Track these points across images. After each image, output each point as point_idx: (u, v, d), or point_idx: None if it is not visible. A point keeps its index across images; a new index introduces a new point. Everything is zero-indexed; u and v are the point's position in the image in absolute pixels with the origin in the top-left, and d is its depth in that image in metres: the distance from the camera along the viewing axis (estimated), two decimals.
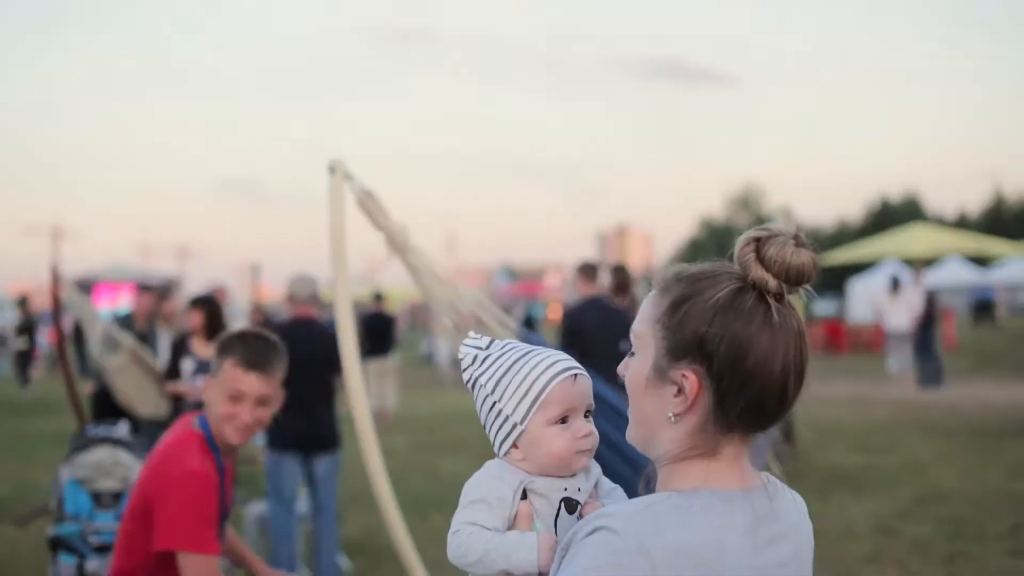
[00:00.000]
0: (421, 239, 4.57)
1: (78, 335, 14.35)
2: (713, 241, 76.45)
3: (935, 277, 32.16)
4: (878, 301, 20.81)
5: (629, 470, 3.03)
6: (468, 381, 1.84)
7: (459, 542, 1.73)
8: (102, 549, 6.21)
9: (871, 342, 27.46)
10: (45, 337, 27.67)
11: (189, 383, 7.82)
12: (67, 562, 6.17)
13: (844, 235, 65.12)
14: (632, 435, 1.67)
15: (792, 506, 1.68)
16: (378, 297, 17.37)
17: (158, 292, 11.60)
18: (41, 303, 35.11)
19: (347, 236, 4.38)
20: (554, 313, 35.17)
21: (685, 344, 1.55)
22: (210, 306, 8.13)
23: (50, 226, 45.05)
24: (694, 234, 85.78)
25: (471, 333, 1.89)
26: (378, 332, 16.20)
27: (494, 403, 1.79)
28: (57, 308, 9.68)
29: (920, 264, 22.88)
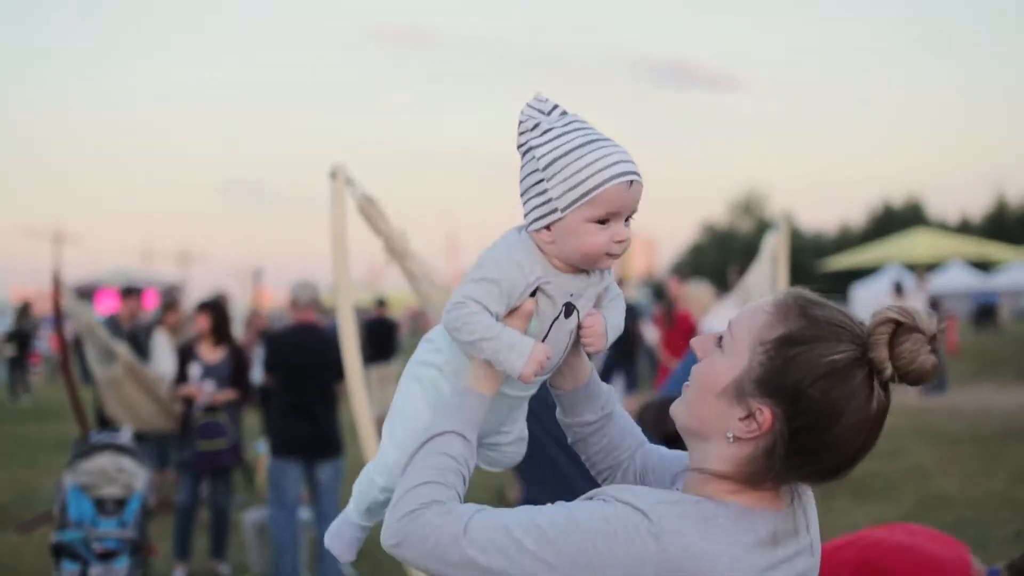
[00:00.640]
0: (422, 242, 4.58)
1: (79, 341, 14.35)
2: (716, 246, 76.39)
3: (937, 282, 32.12)
4: (882, 306, 20.79)
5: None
6: (521, 145, 1.75)
7: (461, 315, 1.69)
8: (105, 556, 6.21)
9: None
10: (47, 342, 27.66)
11: (197, 387, 7.80)
12: (70, 568, 6.18)
13: (847, 240, 65.02)
14: (680, 415, 1.65)
15: (805, 531, 1.65)
16: (381, 303, 17.34)
17: (163, 301, 11.58)
18: (43, 308, 35.13)
19: (348, 241, 4.39)
20: None
21: (781, 386, 1.52)
22: (217, 310, 8.12)
23: (51, 230, 45.03)
24: (697, 239, 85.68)
25: (540, 93, 1.79)
26: (380, 337, 16.17)
27: (541, 179, 1.71)
28: (59, 314, 9.69)
29: (923, 269, 22.86)
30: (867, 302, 36.64)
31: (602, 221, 1.70)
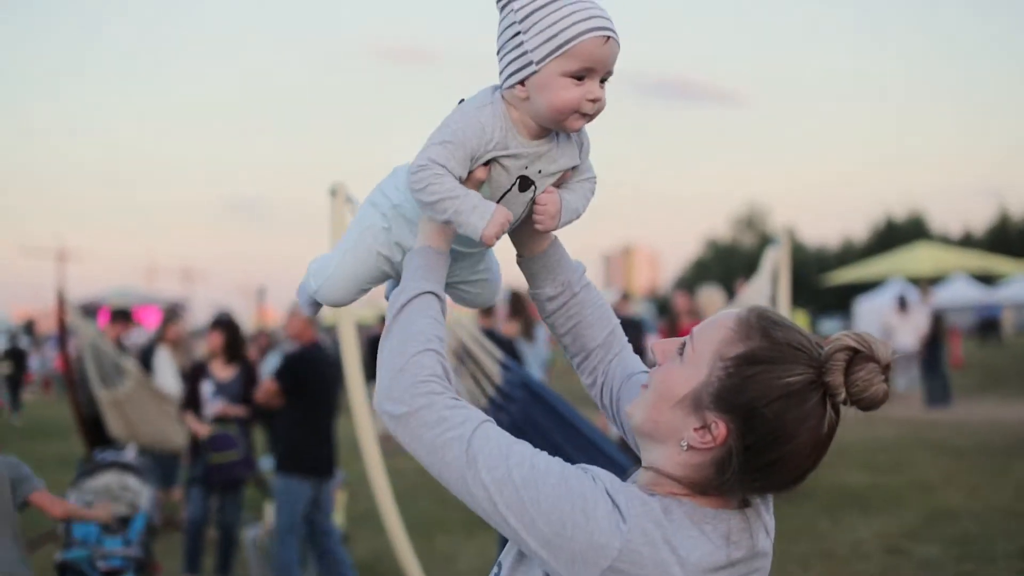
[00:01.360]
0: None
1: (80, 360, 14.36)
2: (718, 260, 76.38)
3: (941, 296, 32.07)
4: (885, 320, 20.77)
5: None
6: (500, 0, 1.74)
7: (424, 177, 1.70)
8: (110, 574, 6.21)
9: None
10: (53, 362, 27.71)
11: (209, 404, 7.80)
12: None
13: (849, 254, 65.02)
14: (637, 416, 1.68)
15: (764, 533, 1.68)
16: (384, 319, 17.34)
17: (164, 316, 11.60)
18: (46, 326, 35.13)
19: None
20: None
21: (737, 403, 1.56)
22: (229, 328, 8.12)
23: (54, 249, 45.11)
24: (700, 254, 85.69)
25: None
26: None
27: (518, 32, 1.70)
28: (64, 332, 9.73)
29: (926, 283, 22.86)
30: (870, 316, 36.67)
31: (577, 77, 1.70)
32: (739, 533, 1.59)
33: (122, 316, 10.56)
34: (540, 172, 1.78)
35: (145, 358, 10.70)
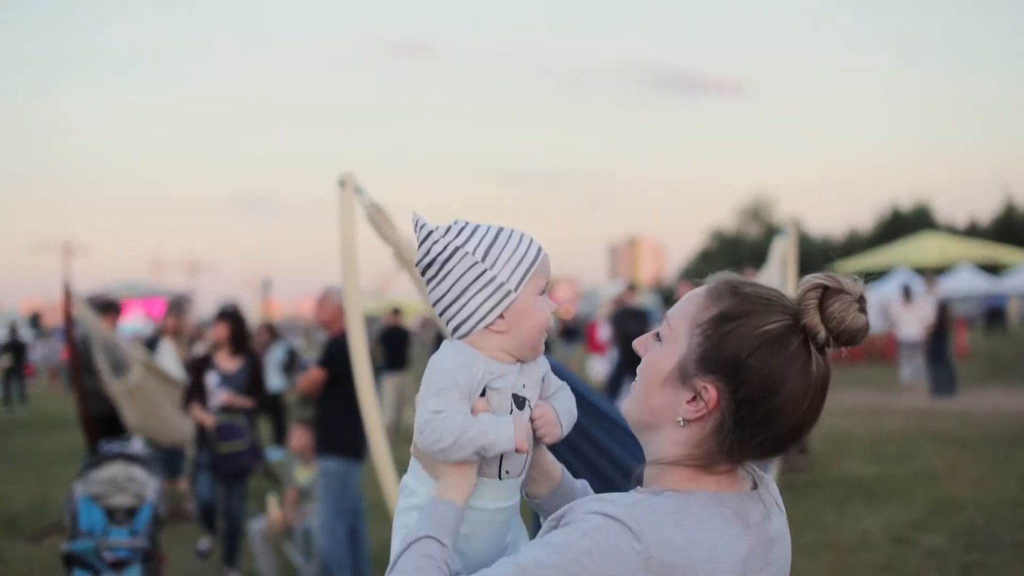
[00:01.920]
0: None
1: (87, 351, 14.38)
2: (724, 252, 76.33)
3: (946, 286, 32.03)
4: (891, 310, 20.75)
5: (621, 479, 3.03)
6: (441, 252, 1.75)
7: (433, 430, 1.68)
8: (117, 565, 6.23)
9: (884, 351, 27.39)
10: (60, 354, 27.81)
11: (214, 394, 7.78)
12: None
13: (855, 244, 65.00)
14: (631, 412, 1.68)
15: (778, 518, 1.67)
16: (396, 311, 17.29)
17: (170, 307, 11.61)
18: (53, 319, 35.18)
19: (357, 250, 4.40)
20: (566, 314, 35.28)
21: (720, 361, 1.56)
22: (235, 320, 8.10)
23: (61, 242, 45.20)
24: (705, 245, 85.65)
25: (414, 213, 1.82)
26: (395, 346, 16.13)
27: (484, 270, 1.73)
28: (70, 325, 9.74)
29: (931, 273, 22.82)
30: (877, 306, 36.63)
31: (541, 293, 1.77)
32: (756, 516, 1.58)
33: (111, 308, 10.50)
34: (525, 386, 1.79)
35: (148, 350, 10.72)
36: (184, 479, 10.36)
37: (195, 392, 7.88)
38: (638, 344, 1.70)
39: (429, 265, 1.77)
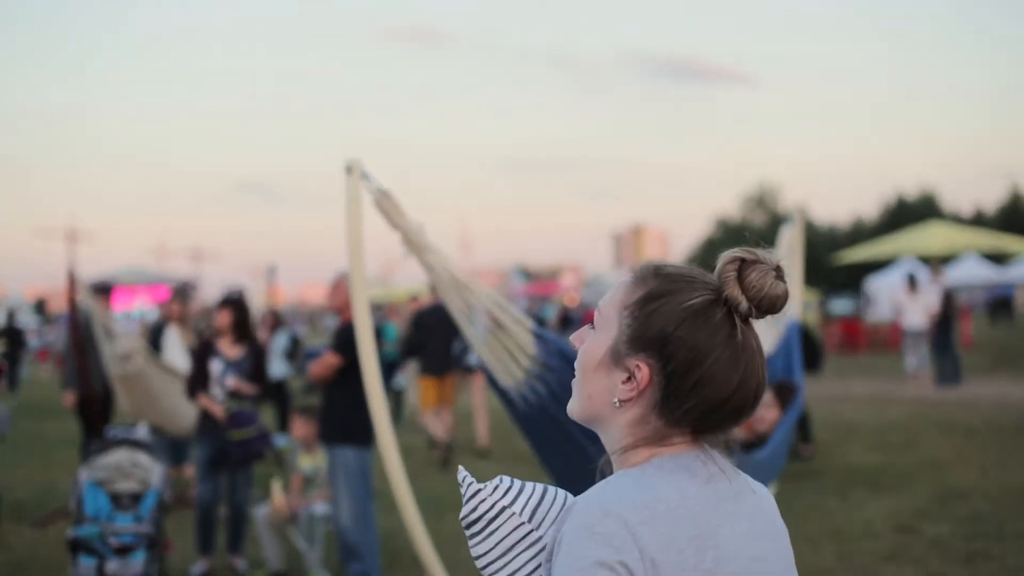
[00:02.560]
0: (436, 239, 4.57)
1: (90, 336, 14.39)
2: (729, 240, 76.20)
3: (952, 275, 31.97)
4: (897, 299, 20.72)
5: None
6: (489, 510, 1.78)
7: None
8: (121, 550, 6.24)
9: (889, 340, 27.38)
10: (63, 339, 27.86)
11: (219, 380, 7.76)
12: (87, 563, 6.21)
13: (860, 233, 64.87)
14: (574, 408, 1.72)
15: (745, 482, 1.70)
16: (414, 299, 17.26)
17: (174, 293, 11.59)
18: (58, 306, 35.22)
19: (364, 236, 4.39)
20: (571, 302, 35.20)
21: (648, 338, 1.61)
22: (239, 307, 8.08)
23: (65, 228, 45.26)
24: (710, 233, 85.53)
25: (460, 468, 1.85)
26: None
27: (530, 531, 1.76)
28: (74, 311, 9.74)
29: (937, 262, 22.77)
30: (881, 295, 36.59)
31: None
32: (715, 471, 1.61)
33: (102, 290, 10.47)
34: None
35: (155, 337, 10.71)
36: (190, 465, 10.36)
37: (200, 380, 7.83)
38: (574, 338, 1.75)
39: (475, 522, 1.79)
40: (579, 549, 1.49)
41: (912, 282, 19.68)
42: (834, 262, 35.01)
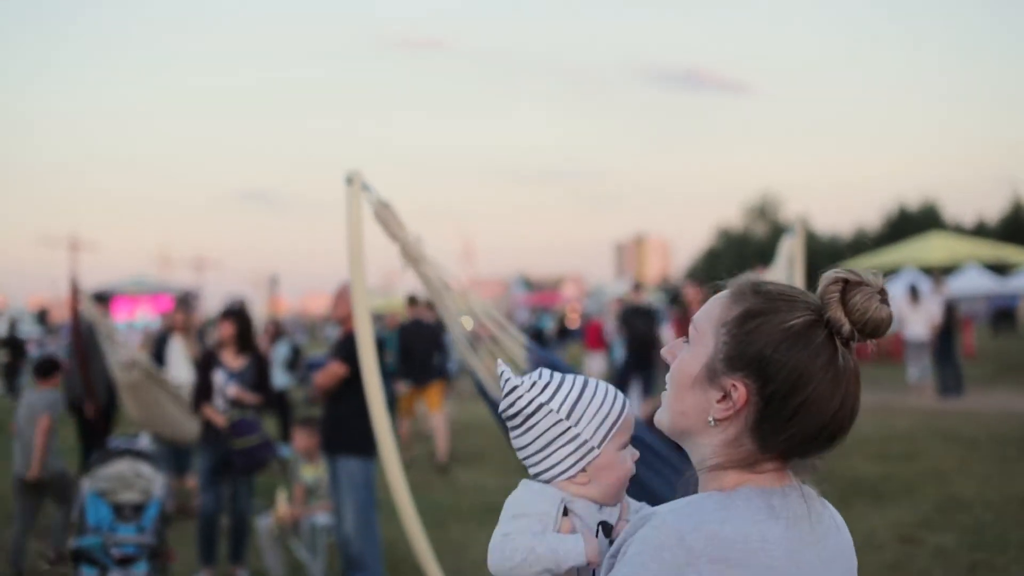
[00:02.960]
0: (437, 249, 4.58)
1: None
2: (731, 250, 76.22)
3: (954, 285, 31.94)
4: (899, 310, 20.70)
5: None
6: (526, 406, 1.82)
7: (502, 547, 1.74)
8: (124, 561, 6.25)
9: (891, 351, 27.36)
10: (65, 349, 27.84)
11: (222, 391, 7.77)
12: (89, 573, 6.22)
13: (862, 243, 64.82)
14: (663, 420, 1.68)
15: (830, 518, 1.67)
16: (412, 301, 17.26)
17: (177, 303, 11.62)
18: (60, 315, 35.23)
19: (364, 247, 4.40)
20: (572, 323, 35.23)
21: (746, 358, 1.57)
22: (241, 318, 8.10)
23: (67, 237, 45.32)
24: (712, 243, 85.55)
25: (500, 362, 1.90)
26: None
27: (568, 427, 1.80)
28: (77, 320, 9.76)
29: (939, 272, 22.76)
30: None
31: (623, 447, 1.85)
32: (802, 508, 1.57)
33: (99, 300, 10.51)
34: (610, 513, 1.85)
35: (159, 347, 10.73)
36: (193, 475, 10.36)
37: (204, 391, 7.84)
38: (667, 352, 1.71)
39: (513, 417, 1.84)
40: (642, 567, 1.47)
41: (914, 293, 19.66)
42: None
